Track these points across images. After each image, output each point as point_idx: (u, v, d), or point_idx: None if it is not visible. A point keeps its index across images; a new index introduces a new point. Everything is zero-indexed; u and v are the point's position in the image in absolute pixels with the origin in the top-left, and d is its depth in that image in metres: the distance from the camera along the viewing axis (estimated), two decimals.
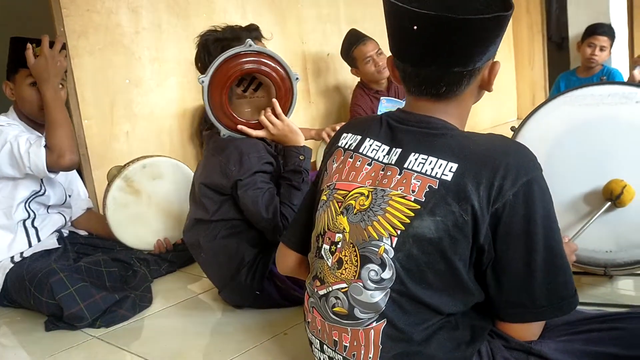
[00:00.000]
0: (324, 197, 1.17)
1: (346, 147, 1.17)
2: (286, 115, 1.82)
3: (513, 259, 1.00)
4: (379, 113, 2.80)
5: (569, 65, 4.07)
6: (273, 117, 1.79)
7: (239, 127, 1.79)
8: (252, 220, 1.76)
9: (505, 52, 5.16)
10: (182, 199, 2.35)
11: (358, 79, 3.51)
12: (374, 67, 3.30)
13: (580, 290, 1.74)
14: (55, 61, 2.00)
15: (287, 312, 1.85)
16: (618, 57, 3.86)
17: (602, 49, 3.47)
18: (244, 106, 1.80)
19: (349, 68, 3.46)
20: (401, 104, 2.71)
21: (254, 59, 1.75)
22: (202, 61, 1.82)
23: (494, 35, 1.01)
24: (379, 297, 1.02)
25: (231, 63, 1.72)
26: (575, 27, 3.83)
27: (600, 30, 3.49)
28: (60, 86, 2.08)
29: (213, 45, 1.80)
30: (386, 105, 2.88)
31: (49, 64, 1.99)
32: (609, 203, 1.52)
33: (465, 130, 1.11)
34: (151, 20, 3.01)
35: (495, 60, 1.08)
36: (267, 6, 3.48)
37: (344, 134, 1.20)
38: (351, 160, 1.14)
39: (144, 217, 2.36)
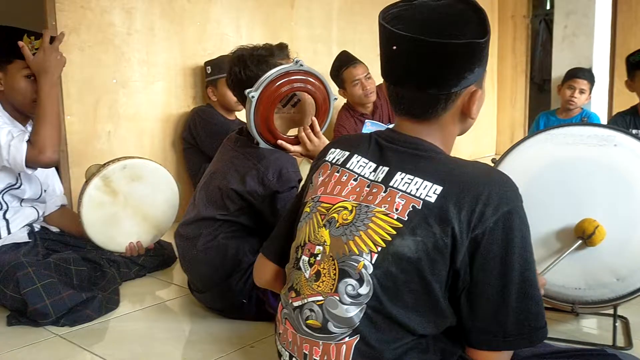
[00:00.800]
0: (307, 209, 1.17)
1: (333, 161, 1.18)
2: None
3: (488, 286, 1.01)
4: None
5: (549, 106, 4.17)
6: (312, 135, 1.85)
7: (279, 142, 1.83)
8: None
9: (488, 88, 5.27)
10: (159, 203, 2.33)
11: (345, 100, 3.54)
12: (361, 90, 3.36)
13: (548, 325, 1.78)
14: (56, 56, 1.99)
15: (256, 325, 1.84)
16: (598, 102, 3.97)
17: (581, 91, 3.56)
18: (277, 120, 1.83)
19: (337, 89, 3.50)
20: (384, 128, 2.75)
21: (303, 77, 1.79)
22: (237, 75, 1.85)
23: (468, 61, 1.03)
24: (354, 312, 1.02)
25: (282, 80, 1.75)
26: (558, 70, 3.93)
27: (580, 74, 3.59)
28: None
29: (250, 59, 1.83)
30: (370, 128, 2.91)
31: (50, 59, 1.97)
32: (580, 241, 1.56)
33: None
34: (144, 23, 3.01)
35: (477, 89, 1.09)
36: (261, 22, 3.51)
37: (332, 149, 1.22)
38: (337, 174, 1.15)
39: (118, 219, 2.32)
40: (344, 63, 3.42)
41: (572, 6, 3.93)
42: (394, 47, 1.03)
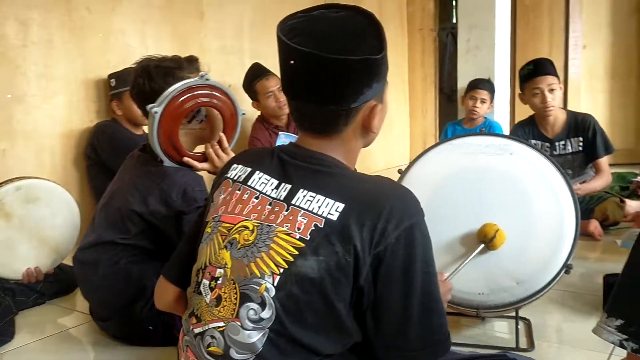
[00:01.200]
0: (208, 230, 1.13)
1: (235, 178, 1.14)
2: None
3: (392, 301, 1.01)
4: (277, 144, 2.82)
5: (457, 115, 4.34)
6: (220, 151, 1.80)
7: (185, 159, 1.75)
8: None
9: (400, 101, 5.43)
10: (58, 225, 2.19)
11: (259, 113, 3.51)
12: (274, 102, 3.35)
13: (455, 331, 1.83)
14: None
15: (163, 351, 1.76)
16: (500, 112, 4.16)
17: (482, 101, 3.72)
18: (182, 137, 1.76)
19: (250, 101, 3.46)
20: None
21: (209, 92, 1.73)
22: (141, 86, 1.75)
23: (365, 77, 1.03)
24: (256, 337, 0.99)
25: (186, 95, 1.68)
26: (463, 81, 4.10)
27: (480, 84, 3.76)
28: None
29: (155, 70, 1.74)
30: (284, 140, 2.91)
31: None
32: (482, 245, 1.60)
33: (361, 172, 1.12)
34: (41, 35, 2.85)
35: (377, 103, 1.09)
36: (169, 33, 3.42)
37: (234, 165, 1.18)
38: (239, 192, 1.11)
39: (13, 243, 2.17)
40: (256, 75, 3.40)
41: (474, 20, 4.12)
42: (292, 62, 1.01)
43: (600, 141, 3.00)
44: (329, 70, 0.99)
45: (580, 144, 3.04)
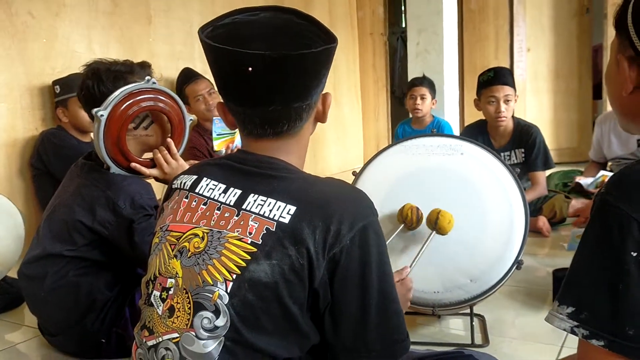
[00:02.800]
0: (156, 240, 1.10)
1: (182, 186, 1.12)
2: None
3: (349, 303, 1.00)
4: (213, 133, 2.77)
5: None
6: (169, 156, 1.76)
7: (133, 165, 1.71)
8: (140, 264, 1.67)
9: (353, 104, 5.47)
10: (1, 237, 2.11)
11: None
12: (204, 105, 3.33)
13: (412, 330, 1.85)
14: None
15: None
16: (450, 115, 4.24)
17: (422, 97, 3.70)
18: (130, 143, 1.71)
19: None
20: None
21: (156, 96, 1.69)
22: (90, 90, 1.69)
23: (325, 67, 1.04)
24: (212, 346, 0.97)
25: (133, 99, 1.64)
26: None
27: (417, 82, 3.77)
28: None
29: (105, 74, 1.68)
30: (220, 125, 2.82)
31: None
32: (433, 232, 1.61)
33: (313, 174, 1.11)
34: None
35: (327, 92, 1.10)
36: (116, 38, 3.34)
37: (180, 176, 1.16)
38: (186, 200, 1.09)
39: None
40: (186, 79, 3.39)
41: (423, 24, 4.19)
42: (250, 69, 0.98)
43: (540, 155, 3.04)
44: (295, 67, 0.98)
45: (523, 154, 3.10)
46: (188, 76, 3.40)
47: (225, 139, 2.83)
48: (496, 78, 2.97)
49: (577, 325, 0.81)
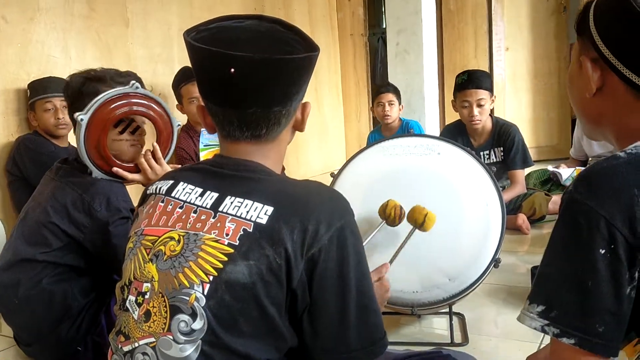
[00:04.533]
0: (130, 245, 1.09)
1: (157, 191, 1.12)
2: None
3: (327, 303, 1.00)
4: (200, 144, 2.77)
5: None
6: (153, 161, 1.75)
7: (115, 169, 1.69)
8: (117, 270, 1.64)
9: (335, 105, 5.47)
10: None
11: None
12: (196, 108, 3.30)
13: (393, 330, 1.85)
14: None
15: None
16: (430, 114, 4.27)
17: (390, 104, 3.65)
18: (114, 148, 1.70)
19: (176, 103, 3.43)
20: None
21: (138, 101, 1.69)
22: (74, 94, 1.68)
23: (306, 74, 1.06)
24: (189, 350, 0.96)
25: (115, 103, 1.63)
26: (395, 84, 4.17)
27: (383, 89, 3.73)
28: None
29: (89, 79, 1.67)
30: (207, 136, 2.82)
31: None
32: (415, 229, 1.60)
33: (291, 176, 1.12)
34: None
35: (307, 101, 1.12)
36: (92, 41, 3.30)
37: (157, 182, 1.15)
38: (162, 204, 1.09)
39: None
40: (183, 79, 3.36)
41: (402, 25, 4.21)
42: (232, 70, 0.98)
43: (518, 153, 3.06)
44: (277, 71, 1.00)
45: (502, 154, 3.12)
46: (185, 76, 3.35)
47: (212, 149, 2.84)
48: (469, 82, 2.98)
49: (547, 324, 0.82)
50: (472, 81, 2.97)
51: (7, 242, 1.76)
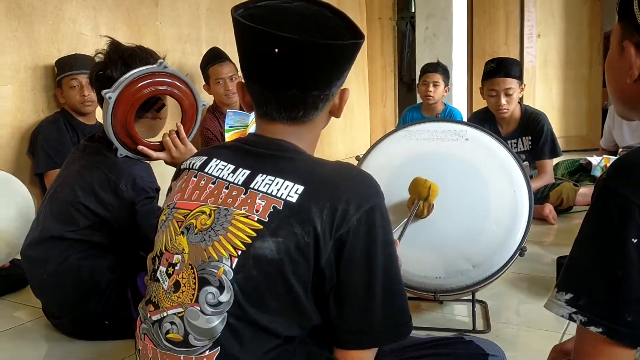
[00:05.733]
0: (163, 217, 1.12)
1: (191, 166, 1.14)
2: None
3: (355, 284, 1.01)
4: (225, 125, 2.78)
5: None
6: (177, 140, 1.77)
7: (140, 147, 1.71)
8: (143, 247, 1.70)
9: (360, 89, 5.44)
10: (12, 218, 2.13)
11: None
12: (223, 89, 3.32)
13: (415, 315, 1.85)
14: None
15: (120, 344, 1.73)
16: (458, 100, 4.22)
17: (435, 84, 3.58)
18: (139, 126, 1.72)
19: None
20: (248, 117, 2.71)
21: (167, 80, 1.70)
22: (100, 72, 1.68)
23: (349, 61, 1.07)
24: (216, 322, 0.98)
25: (143, 82, 1.65)
26: None
27: (431, 68, 3.65)
28: None
29: (117, 57, 1.67)
30: (233, 117, 2.84)
31: None
32: (420, 201, 1.61)
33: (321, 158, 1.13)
34: None
35: (345, 87, 1.13)
36: (122, 20, 3.33)
37: (191, 157, 1.17)
38: (195, 179, 1.11)
39: None
40: (212, 59, 3.38)
41: (432, 9, 4.15)
42: (276, 50, 0.99)
43: (547, 143, 3.02)
44: (320, 56, 1.01)
45: (530, 142, 3.07)
46: (214, 57, 3.37)
47: (237, 131, 2.86)
48: (498, 70, 2.92)
49: (575, 312, 0.81)
50: (501, 69, 2.92)
51: (35, 219, 1.81)
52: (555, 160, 3.32)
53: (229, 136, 2.79)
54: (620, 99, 0.95)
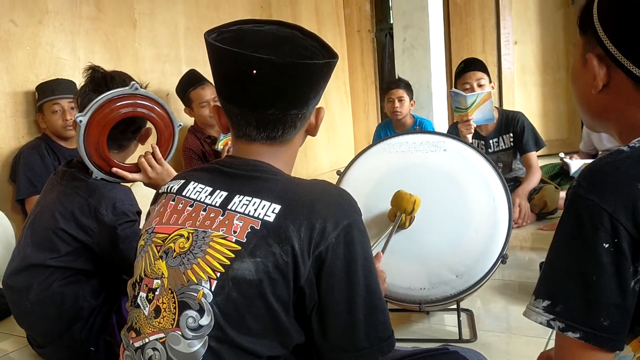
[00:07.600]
0: (142, 242, 1.11)
1: (169, 190, 1.14)
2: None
3: (336, 301, 1.01)
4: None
5: None
6: (153, 161, 1.77)
7: (114, 169, 1.71)
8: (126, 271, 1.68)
9: (343, 102, 5.47)
10: None
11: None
12: (208, 111, 3.31)
13: (402, 327, 1.86)
14: None
15: None
16: (438, 109, 4.25)
17: (400, 100, 3.63)
18: (127, 153, 1.75)
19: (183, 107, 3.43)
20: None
21: (137, 102, 1.69)
22: (82, 96, 1.70)
23: (324, 79, 1.08)
24: (197, 346, 0.98)
25: (115, 104, 1.64)
26: None
27: (394, 85, 3.70)
28: None
29: (97, 81, 1.69)
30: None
31: None
32: (402, 214, 1.63)
33: (300, 173, 1.14)
34: None
35: (321, 106, 1.14)
36: (101, 43, 3.33)
37: (169, 182, 1.17)
38: (173, 203, 1.11)
39: None
40: (192, 83, 3.35)
41: (408, 20, 4.19)
42: (254, 72, 1.00)
43: (529, 136, 3.14)
44: (298, 75, 1.02)
45: (511, 139, 3.18)
46: (194, 80, 3.36)
47: (228, 137, 2.88)
48: (466, 66, 3.10)
49: (553, 319, 0.82)
50: (469, 66, 3.10)
51: (16, 247, 1.78)
52: (541, 162, 3.37)
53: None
54: (586, 110, 0.97)
